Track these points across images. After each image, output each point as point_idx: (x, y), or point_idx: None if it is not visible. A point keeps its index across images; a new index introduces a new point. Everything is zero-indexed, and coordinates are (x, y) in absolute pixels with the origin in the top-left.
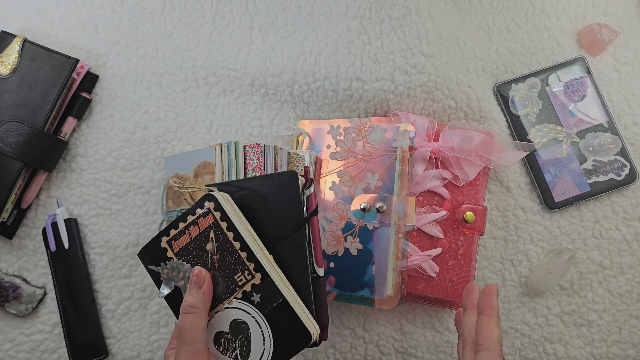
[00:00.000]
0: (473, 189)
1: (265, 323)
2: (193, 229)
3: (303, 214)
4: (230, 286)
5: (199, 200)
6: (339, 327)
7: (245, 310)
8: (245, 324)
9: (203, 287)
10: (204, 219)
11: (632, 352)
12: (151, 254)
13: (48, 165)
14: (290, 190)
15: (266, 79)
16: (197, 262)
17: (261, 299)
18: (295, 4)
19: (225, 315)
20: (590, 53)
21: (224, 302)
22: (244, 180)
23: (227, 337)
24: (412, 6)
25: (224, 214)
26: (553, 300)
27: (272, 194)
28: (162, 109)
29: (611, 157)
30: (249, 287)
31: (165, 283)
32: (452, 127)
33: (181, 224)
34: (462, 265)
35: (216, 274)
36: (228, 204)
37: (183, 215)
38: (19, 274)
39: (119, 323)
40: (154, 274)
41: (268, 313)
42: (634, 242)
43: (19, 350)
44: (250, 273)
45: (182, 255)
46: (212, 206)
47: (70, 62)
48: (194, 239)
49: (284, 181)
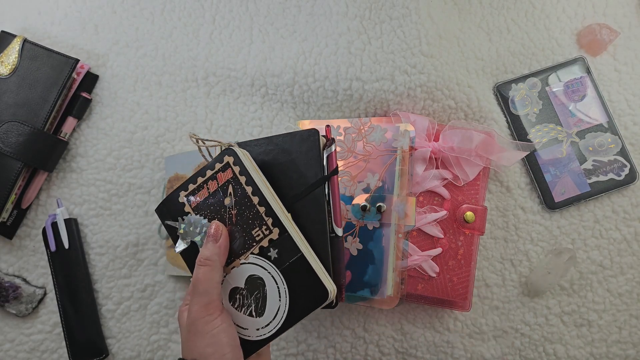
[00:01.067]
0: (473, 189)
1: (282, 279)
2: (212, 183)
3: (323, 173)
4: (247, 241)
5: (218, 154)
6: (339, 327)
7: (261, 265)
8: (261, 280)
9: (220, 241)
10: (223, 173)
11: (632, 352)
12: (169, 209)
13: (48, 165)
14: (310, 148)
15: (266, 79)
16: (215, 217)
17: (278, 254)
18: (295, 4)
19: (242, 270)
20: (590, 53)
21: (241, 257)
22: (263, 138)
23: (242, 293)
24: (412, 6)
25: (243, 168)
26: (553, 300)
27: (292, 152)
28: (162, 109)
29: (611, 157)
30: (267, 242)
31: (181, 238)
32: (452, 127)
33: (200, 179)
34: (462, 265)
35: (233, 229)
36: (247, 159)
37: (202, 169)
38: (19, 274)
39: (119, 323)
40: (171, 229)
41: (285, 269)
42: (634, 242)
43: (19, 350)
44: (268, 228)
45: (199, 210)
46: (231, 160)
47: (70, 62)
48: (212, 193)
49: (304, 139)
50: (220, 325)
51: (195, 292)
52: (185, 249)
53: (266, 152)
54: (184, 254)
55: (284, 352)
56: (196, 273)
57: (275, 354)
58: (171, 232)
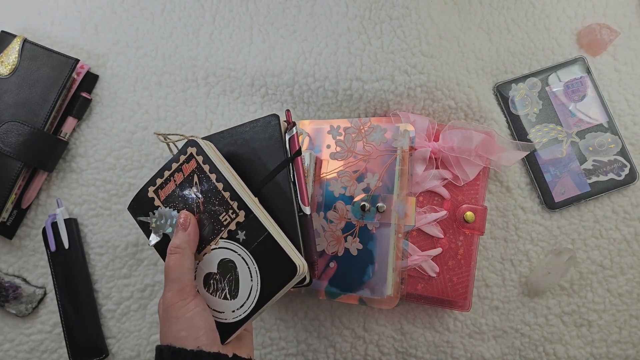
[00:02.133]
0: (473, 189)
1: (252, 259)
2: (178, 175)
3: (286, 155)
4: (216, 227)
5: (182, 147)
6: (339, 327)
7: (231, 249)
8: (232, 263)
9: (188, 229)
10: (187, 164)
11: (632, 352)
12: (140, 205)
13: (48, 165)
14: (272, 133)
15: (266, 79)
16: (183, 207)
17: (246, 235)
18: (295, 4)
19: (213, 256)
20: (590, 53)
21: (211, 243)
22: (227, 130)
23: (215, 277)
24: (412, 6)
25: (206, 157)
26: (553, 300)
27: (256, 140)
28: (162, 109)
29: (611, 157)
30: (234, 225)
31: (154, 232)
32: (452, 127)
33: (166, 172)
34: (462, 265)
35: (202, 217)
36: (210, 149)
37: (167, 163)
38: (19, 274)
39: (119, 323)
40: (144, 224)
41: (253, 249)
42: (634, 242)
43: (19, 350)
44: (234, 212)
45: (169, 203)
46: (194, 151)
47: (70, 62)
48: (179, 185)
49: (266, 125)
50: (193, 309)
51: (168, 280)
52: (159, 242)
53: (231, 143)
54: (157, 247)
55: (284, 352)
56: (167, 261)
57: (275, 354)
58: (144, 227)
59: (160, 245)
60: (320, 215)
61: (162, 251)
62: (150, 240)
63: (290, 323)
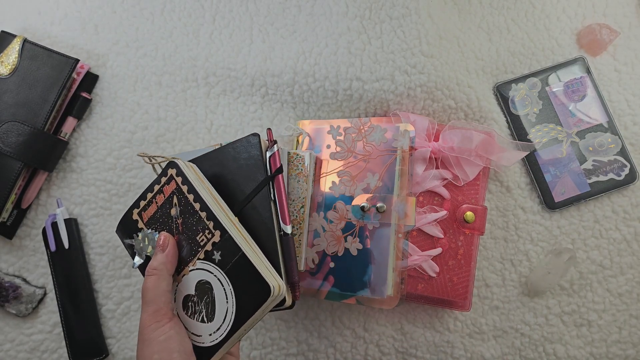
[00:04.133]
0: (473, 189)
1: (227, 280)
2: (159, 197)
3: (266, 174)
4: (193, 248)
5: (163, 169)
6: (339, 327)
7: (207, 270)
8: (209, 284)
9: (166, 249)
10: (168, 185)
11: (632, 352)
12: (125, 227)
13: (48, 165)
14: (252, 152)
15: (266, 79)
16: (164, 229)
17: (221, 256)
18: (295, 4)
19: (191, 277)
20: (590, 53)
21: (189, 264)
22: (211, 151)
23: (193, 299)
24: (412, 6)
25: (185, 177)
26: (553, 300)
27: (236, 159)
28: (162, 109)
29: (611, 157)
30: (210, 245)
31: (138, 254)
32: (452, 127)
33: (149, 194)
34: (462, 265)
35: (181, 238)
36: (191, 170)
37: (150, 185)
38: (19, 274)
39: (119, 323)
40: (130, 247)
41: (228, 269)
42: (634, 242)
43: (19, 350)
44: (210, 232)
45: (151, 224)
46: (174, 172)
47: (70, 62)
48: (160, 206)
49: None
50: (167, 332)
51: (144, 302)
52: (142, 264)
53: (215, 164)
54: (141, 269)
55: (284, 352)
56: (144, 283)
57: (275, 354)
58: (130, 250)
59: (144, 267)
60: (320, 215)
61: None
62: (134, 262)
63: (290, 323)
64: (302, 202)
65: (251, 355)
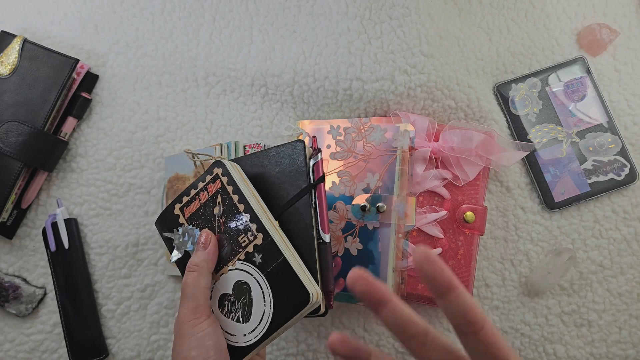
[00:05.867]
0: (473, 189)
1: (266, 283)
2: (203, 194)
3: (309, 181)
4: (234, 248)
5: (209, 167)
6: (339, 327)
7: (247, 271)
8: (247, 285)
9: (208, 247)
10: (213, 184)
11: (632, 352)
12: (165, 221)
13: (48, 165)
14: (297, 158)
15: (266, 79)
16: (205, 226)
17: (262, 259)
18: (295, 4)
19: (229, 277)
20: (590, 53)
21: (229, 264)
22: (254, 153)
23: (230, 299)
24: (412, 6)
25: (231, 178)
26: (553, 300)
27: (282, 164)
28: (162, 109)
29: (611, 157)
30: (251, 247)
31: (177, 248)
32: (452, 127)
33: (192, 191)
34: (462, 265)
35: (222, 237)
36: (236, 171)
37: (194, 182)
38: (19, 274)
39: (119, 323)
40: (168, 240)
41: (268, 273)
42: (634, 242)
43: (19, 351)
44: (252, 234)
45: (192, 221)
46: (220, 172)
47: (70, 62)
48: (203, 204)
49: (290, 150)
50: (206, 329)
51: (183, 296)
52: (180, 259)
53: (257, 166)
54: (179, 264)
55: (284, 352)
56: (185, 278)
57: (275, 354)
58: (168, 243)
59: (181, 261)
60: None
61: (183, 268)
62: (172, 256)
63: None
64: None
65: None
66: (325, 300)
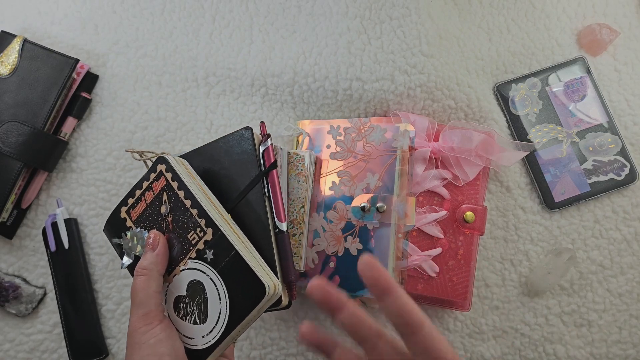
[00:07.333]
0: (473, 189)
1: (220, 280)
2: (148, 194)
3: (260, 169)
4: (184, 246)
5: (152, 164)
6: (339, 327)
7: (200, 269)
8: (201, 284)
9: (157, 249)
10: (157, 182)
11: (632, 352)
12: (113, 226)
13: (48, 165)
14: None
15: (266, 79)
16: (154, 227)
17: (214, 255)
18: (295, 4)
19: (182, 277)
20: (590, 53)
21: (180, 263)
22: (202, 146)
23: (185, 301)
24: (412, 6)
25: (175, 173)
26: (553, 300)
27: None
28: (162, 109)
29: (611, 157)
30: (202, 244)
31: (126, 254)
32: (452, 127)
33: (137, 191)
34: (462, 265)
35: (171, 236)
36: (181, 166)
37: (139, 182)
38: (19, 274)
39: (119, 323)
40: (118, 246)
41: (222, 269)
42: (634, 242)
43: (19, 350)
44: (202, 230)
45: (140, 223)
46: (163, 168)
47: (70, 62)
48: (149, 204)
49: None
50: (158, 334)
51: (133, 303)
52: (131, 264)
53: (207, 160)
54: (130, 269)
55: (284, 352)
56: (134, 283)
57: (275, 354)
58: (118, 249)
59: (132, 267)
60: (320, 215)
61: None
62: (123, 262)
63: (290, 323)
64: (302, 202)
65: (251, 355)
66: (287, 291)
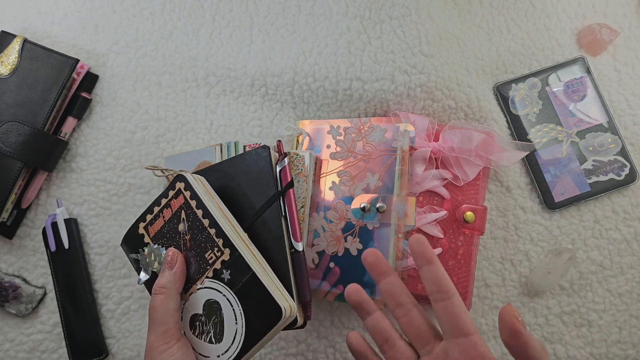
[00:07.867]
0: (473, 189)
1: (236, 300)
2: (166, 211)
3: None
4: (202, 265)
5: (171, 182)
6: (338, 327)
7: (216, 289)
8: (217, 304)
9: (175, 267)
10: (176, 200)
11: (632, 352)
12: (131, 242)
13: (48, 165)
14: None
15: (266, 79)
16: (171, 244)
17: (231, 275)
18: (295, 4)
19: (199, 296)
20: (590, 53)
21: (197, 282)
22: (219, 163)
23: (201, 319)
24: (412, 6)
25: (194, 192)
26: (553, 300)
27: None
28: (162, 109)
29: (611, 157)
30: (219, 264)
31: (143, 269)
32: (452, 127)
33: (156, 208)
34: (462, 265)
35: (189, 255)
36: (199, 184)
37: (157, 199)
38: (19, 274)
39: (119, 323)
40: (135, 262)
41: (238, 289)
42: (634, 242)
43: (19, 350)
44: (219, 249)
45: (157, 239)
46: (182, 186)
47: (70, 62)
48: (167, 221)
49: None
50: (175, 354)
51: (151, 322)
52: (148, 280)
53: (223, 177)
54: (147, 285)
55: (284, 352)
56: (152, 301)
57: (275, 354)
58: (135, 264)
59: (149, 283)
60: (320, 215)
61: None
62: (140, 277)
63: None
64: (302, 202)
65: None
66: (302, 311)
